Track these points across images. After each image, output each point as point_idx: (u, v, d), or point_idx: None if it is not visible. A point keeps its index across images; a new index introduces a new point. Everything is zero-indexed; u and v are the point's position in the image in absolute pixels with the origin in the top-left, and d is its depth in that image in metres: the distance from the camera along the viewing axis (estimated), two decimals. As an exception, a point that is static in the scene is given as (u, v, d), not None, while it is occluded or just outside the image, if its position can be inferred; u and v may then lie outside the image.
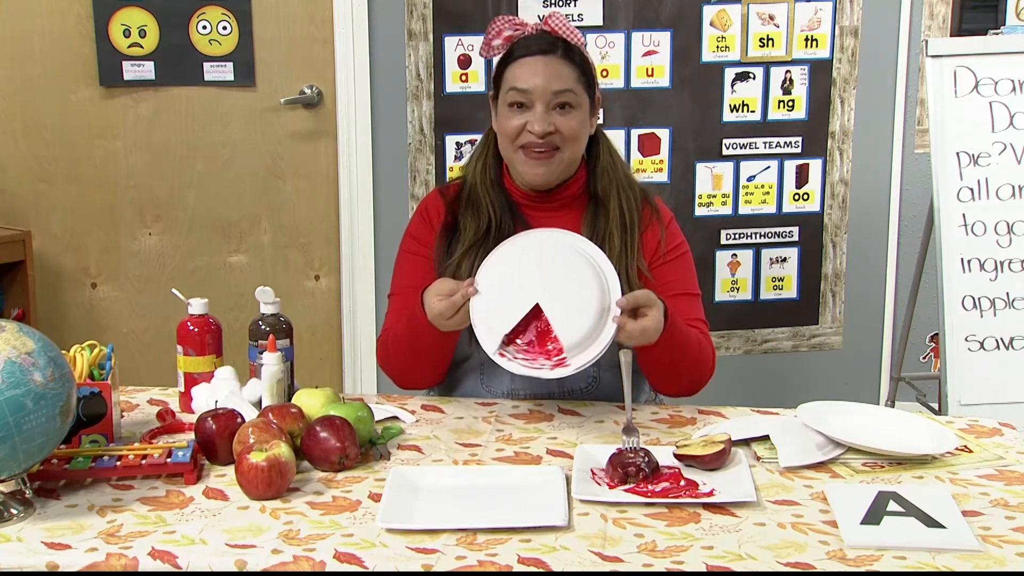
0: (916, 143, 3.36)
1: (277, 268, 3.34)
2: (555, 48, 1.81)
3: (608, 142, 1.93)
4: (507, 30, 1.84)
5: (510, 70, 1.83)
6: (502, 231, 1.85)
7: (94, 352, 1.66)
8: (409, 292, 1.84)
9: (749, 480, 1.45)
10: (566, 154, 1.82)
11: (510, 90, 1.81)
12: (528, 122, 1.79)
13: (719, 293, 3.39)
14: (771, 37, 3.26)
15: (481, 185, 1.90)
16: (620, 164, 1.92)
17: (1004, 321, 2.76)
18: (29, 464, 1.35)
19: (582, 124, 1.83)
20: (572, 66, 1.81)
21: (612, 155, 1.91)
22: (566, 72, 1.80)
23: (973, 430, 1.70)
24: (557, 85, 1.79)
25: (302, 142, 3.28)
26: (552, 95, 1.79)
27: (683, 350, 1.75)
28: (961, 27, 3.31)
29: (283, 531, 1.32)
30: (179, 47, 3.15)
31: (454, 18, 3.15)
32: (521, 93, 1.80)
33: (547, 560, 1.24)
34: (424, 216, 1.94)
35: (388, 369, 1.88)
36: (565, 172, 1.85)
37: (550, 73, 1.79)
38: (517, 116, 1.81)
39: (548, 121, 1.79)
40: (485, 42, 1.87)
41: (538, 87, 1.79)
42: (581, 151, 1.87)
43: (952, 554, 1.26)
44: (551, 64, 1.80)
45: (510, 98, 1.82)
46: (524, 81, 1.80)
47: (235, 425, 1.54)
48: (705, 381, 1.84)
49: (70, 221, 3.24)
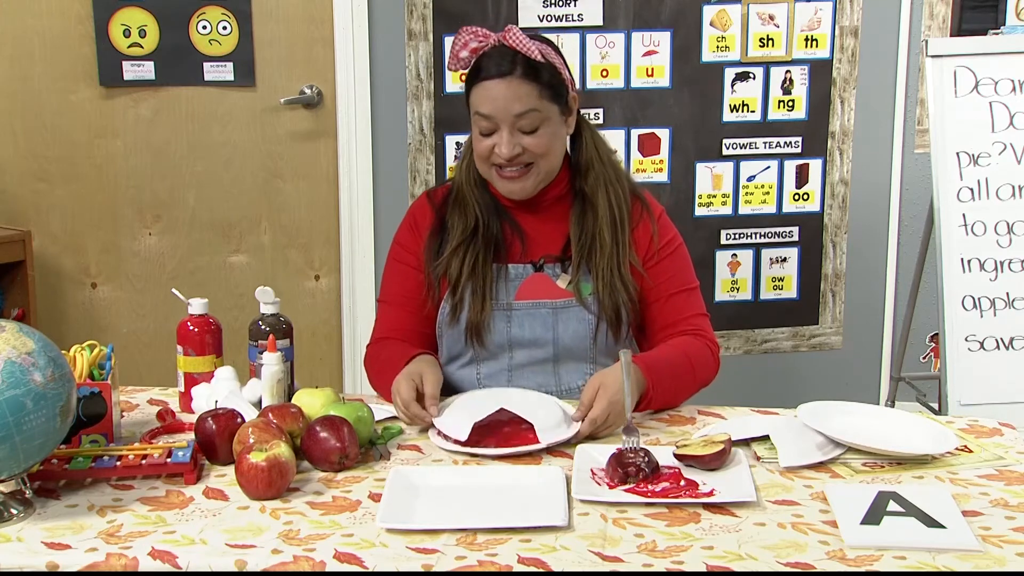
0: (916, 143, 3.36)
1: (277, 268, 3.34)
2: (514, 68, 1.78)
3: (593, 133, 1.92)
4: (472, 42, 1.84)
5: (474, 93, 1.83)
6: (489, 230, 1.87)
7: (94, 352, 1.66)
8: (396, 301, 1.92)
9: (749, 480, 1.45)
10: (541, 167, 1.83)
11: (475, 114, 1.83)
12: (496, 144, 1.80)
13: (719, 293, 3.39)
14: (771, 37, 3.26)
15: (467, 186, 1.92)
16: (606, 155, 1.91)
17: (1004, 321, 2.76)
18: (29, 464, 1.35)
19: (553, 137, 1.82)
20: (532, 83, 1.79)
21: (597, 146, 1.91)
22: (525, 91, 1.78)
23: (973, 430, 1.70)
24: (518, 108, 1.78)
25: (302, 142, 3.28)
26: (515, 118, 1.79)
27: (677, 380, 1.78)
28: (961, 27, 3.31)
29: (283, 531, 1.32)
30: (179, 47, 3.15)
31: (454, 18, 3.15)
32: (485, 119, 1.81)
33: (547, 560, 1.24)
34: (412, 224, 1.96)
35: (371, 381, 1.92)
36: (545, 181, 1.87)
37: (510, 95, 1.78)
38: (486, 139, 1.82)
39: (514, 143, 1.79)
40: (452, 54, 1.87)
41: (499, 110, 1.79)
42: (557, 161, 1.87)
43: (952, 554, 1.26)
44: (511, 85, 1.78)
45: (476, 123, 1.83)
46: (486, 106, 1.80)
47: (235, 425, 1.54)
48: (710, 381, 1.86)
49: (70, 221, 3.24)
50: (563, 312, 1.86)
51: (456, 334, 1.88)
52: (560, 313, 1.86)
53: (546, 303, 1.86)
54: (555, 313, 1.86)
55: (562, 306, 1.86)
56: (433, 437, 1.64)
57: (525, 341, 1.87)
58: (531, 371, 1.89)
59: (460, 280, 1.85)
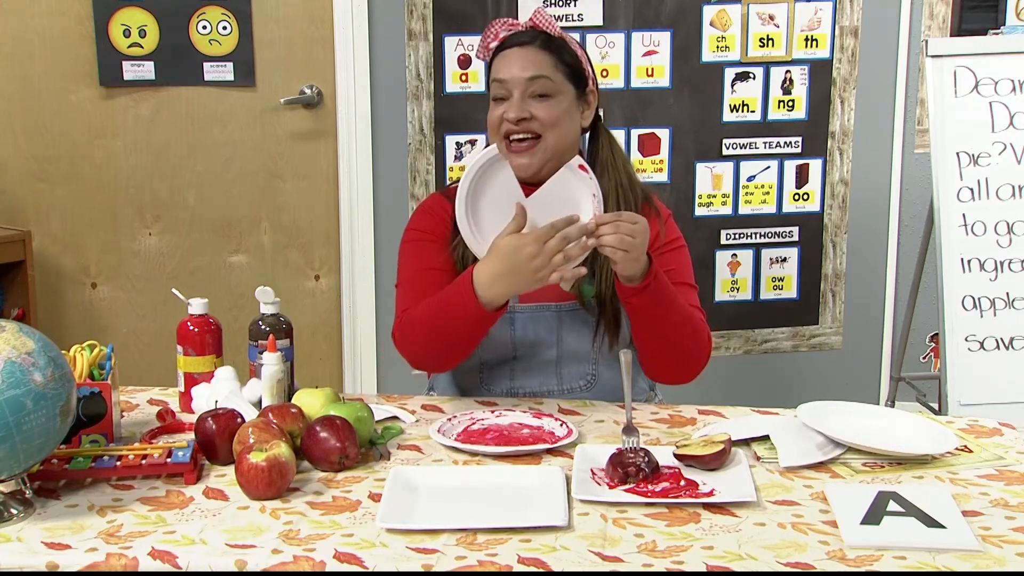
0: (916, 143, 3.36)
1: (277, 268, 3.34)
2: (534, 39, 1.82)
3: (610, 137, 1.93)
4: (502, 31, 1.86)
5: (495, 63, 1.85)
6: None
7: (94, 352, 1.66)
8: (422, 274, 1.82)
9: (749, 480, 1.45)
10: (549, 141, 1.81)
11: (493, 82, 1.84)
12: (505, 110, 1.80)
13: (719, 293, 3.39)
14: (771, 37, 3.26)
15: None
16: (622, 161, 1.91)
17: (1004, 321, 2.76)
18: (29, 464, 1.34)
19: (564, 112, 1.82)
20: (549, 54, 1.82)
21: (613, 151, 1.91)
22: (541, 59, 1.81)
23: (973, 430, 1.70)
24: (531, 71, 1.80)
25: (302, 142, 3.28)
26: (526, 82, 1.79)
27: (672, 307, 1.73)
28: (961, 27, 3.31)
29: (283, 531, 1.32)
30: (179, 47, 3.15)
31: (454, 18, 3.15)
32: (500, 84, 1.82)
33: (547, 560, 1.24)
34: (427, 211, 1.93)
35: (415, 351, 1.80)
36: (554, 162, 1.82)
37: (526, 61, 1.81)
38: (498, 107, 1.82)
39: (523, 108, 1.79)
40: (482, 45, 1.88)
41: (513, 76, 1.80)
42: (568, 141, 1.84)
43: (952, 554, 1.26)
44: (527, 53, 1.81)
45: (492, 91, 1.84)
46: (502, 72, 1.82)
47: (235, 425, 1.54)
48: (702, 362, 1.81)
49: (70, 221, 3.24)
50: (567, 315, 1.86)
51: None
52: (564, 316, 1.86)
53: (550, 306, 1.86)
54: (559, 316, 1.86)
55: (566, 309, 1.86)
56: (433, 435, 1.64)
57: (528, 342, 1.87)
58: (534, 372, 1.89)
59: None
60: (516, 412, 1.74)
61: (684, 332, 1.77)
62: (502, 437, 1.64)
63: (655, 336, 1.76)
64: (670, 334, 1.75)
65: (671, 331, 1.75)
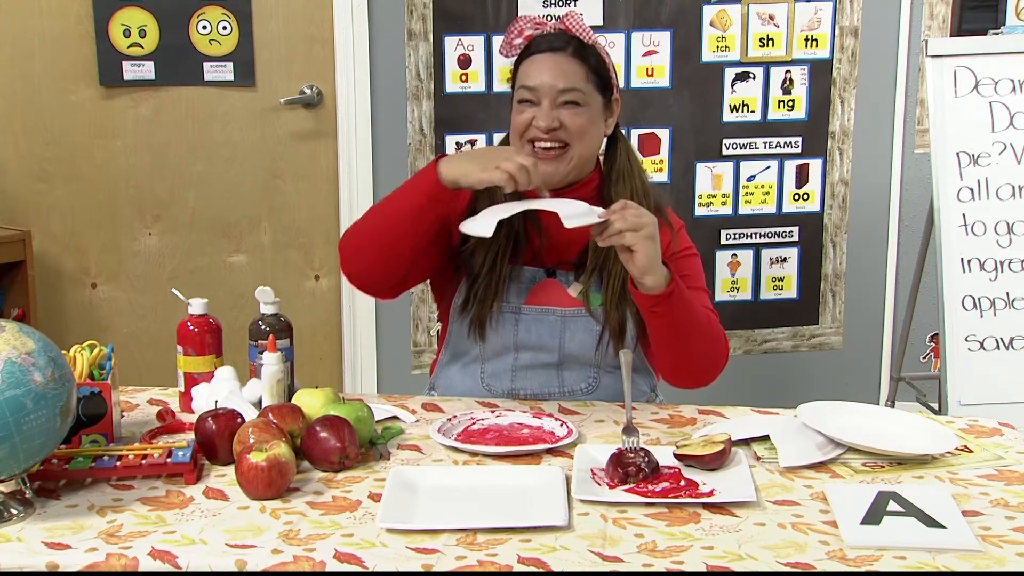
0: (916, 143, 3.36)
1: (277, 268, 3.34)
2: (567, 46, 1.82)
3: (628, 146, 1.92)
4: (528, 29, 1.86)
5: (522, 68, 1.85)
6: (512, 227, 1.85)
7: (94, 352, 1.66)
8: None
9: (749, 480, 1.45)
10: (576, 151, 1.82)
11: (520, 87, 1.83)
12: (535, 117, 1.80)
13: (719, 293, 3.39)
14: (771, 37, 3.26)
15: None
16: (638, 170, 1.91)
17: (1004, 321, 2.76)
18: (29, 464, 1.35)
19: (591, 122, 1.83)
20: (581, 64, 1.81)
21: (631, 160, 1.90)
22: (574, 70, 1.81)
23: (973, 430, 1.70)
24: (564, 83, 1.80)
25: (302, 142, 3.28)
26: (558, 92, 1.79)
27: (693, 313, 1.72)
28: (961, 27, 3.31)
29: (283, 531, 1.32)
30: (179, 47, 3.15)
31: (454, 18, 3.15)
32: (529, 91, 1.81)
33: (547, 560, 1.24)
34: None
35: (354, 243, 1.79)
36: (577, 170, 1.84)
37: (558, 71, 1.80)
38: (526, 111, 1.82)
39: (553, 117, 1.79)
40: (506, 41, 1.88)
41: (545, 84, 1.80)
42: (593, 150, 1.86)
43: (952, 554, 1.26)
44: (560, 62, 1.81)
45: (520, 95, 1.84)
46: (532, 78, 1.81)
47: (235, 425, 1.54)
48: (721, 364, 1.80)
49: (70, 221, 3.24)
50: (571, 321, 1.85)
51: (462, 327, 1.87)
52: (568, 322, 1.86)
53: (555, 310, 1.86)
54: (563, 321, 1.86)
55: (571, 315, 1.85)
56: (433, 434, 1.64)
57: (531, 344, 1.87)
58: (535, 373, 1.88)
59: (480, 273, 1.84)
60: (516, 412, 1.74)
61: (706, 337, 1.77)
62: (502, 437, 1.64)
63: (679, 343, 1.76)
64: (693, 340, 1.76)
65: (694, 337, 1.75)
